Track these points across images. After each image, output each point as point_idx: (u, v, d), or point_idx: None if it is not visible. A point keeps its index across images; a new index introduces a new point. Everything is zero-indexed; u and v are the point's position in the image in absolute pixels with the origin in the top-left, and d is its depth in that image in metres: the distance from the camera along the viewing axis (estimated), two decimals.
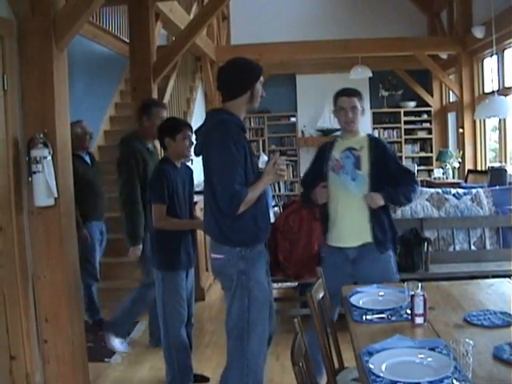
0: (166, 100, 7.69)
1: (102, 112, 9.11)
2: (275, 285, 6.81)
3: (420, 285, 3.00)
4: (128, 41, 6.58)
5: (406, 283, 3.19)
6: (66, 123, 4.00)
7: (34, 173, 3.72)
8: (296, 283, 6.01)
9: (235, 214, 3.27)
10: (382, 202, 3.92)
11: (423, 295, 2.87)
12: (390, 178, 4.01)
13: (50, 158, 3.73)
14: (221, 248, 3.41)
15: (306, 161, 12.95)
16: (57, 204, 3.83)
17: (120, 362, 5.05)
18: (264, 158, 11.11)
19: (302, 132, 12.95)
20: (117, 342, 5.08)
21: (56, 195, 3.79)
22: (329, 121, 12.48)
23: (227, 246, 3.37)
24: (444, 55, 11.19)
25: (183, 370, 4.31)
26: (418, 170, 11.12)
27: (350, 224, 3.99)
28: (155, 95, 6.35)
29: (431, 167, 12.25)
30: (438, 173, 10.67)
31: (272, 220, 5.03)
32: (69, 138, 4.05)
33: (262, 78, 3.48)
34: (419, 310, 2.86)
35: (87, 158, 5.82)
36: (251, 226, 3.36)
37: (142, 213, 4.79)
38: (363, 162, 3.95)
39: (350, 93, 4.04)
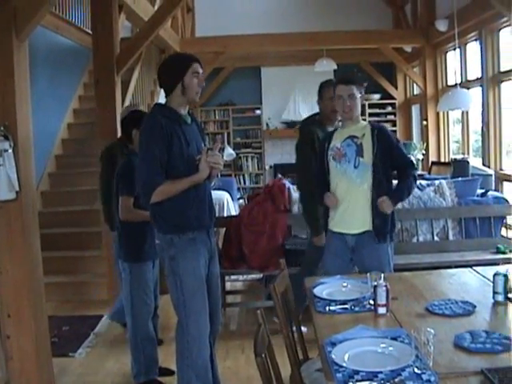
0: (129, 93, 7.63)
1: (65, 105, 9.01)
2: (240, 277, 6.84)
3: (382, 275, 3.03)
4: (91, 32, 6.51)
5: (368, 274, 3.23)
6: (27, 116, 3.93)
7: None
8: (261, 275, 6.03)
9: (148, 202, 3.45)
10: (392, 208, 4.01)
11: (386, 286, 2.90)
12: (392, 167, 4.07)
13: (10, 150, 3.68)
14: (157, 234, 3.61)
15: (270, 153, 13.00)
16: (18, 198, 3.78)
17: (85, 357, 5.01)
18: (229, 150, 11.09)
19: (267, 124, 12.95)
20: None
21: (17, 189, 3.74)
22: (293, 113, 12.51)
23: (160, 233, 3.57)
24: (408, 48, 11.27)
25: (149, 362, 4.30)
26: None
27: (352, 212, 4.03)
28: (119, 87, 6.30)
29: None
30: None
31: (236, 212, 5.04)
32: (30, 131, 3.99)
33: (198, 70, 3.52)
34: (382, 300, 2.89)
35: None
36: (177, 215, 3.50)
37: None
38: (365, 150, 3.98)
39: (348, 81, 4.04)
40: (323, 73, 10.30)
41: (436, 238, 5.91)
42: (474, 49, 8.66)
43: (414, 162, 9.90)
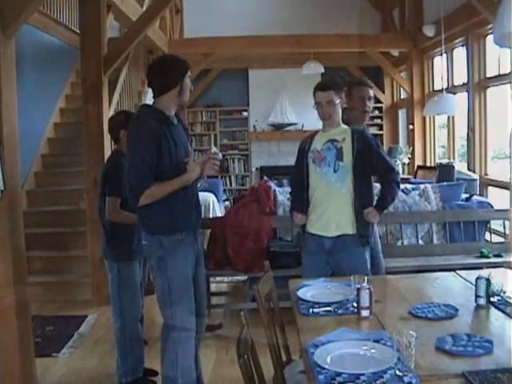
0: (117, 92, 7.62)
1: (52, 104, 8.97)
2: (225, 278, 6.84)
3: (366, 278, 3.05)
4: (79, 32, 6.50)
5: (352, 277, 3.24)
6: (12, 114, 3.91)
7: None
8: (245, 277, 6.02)
9: (136, 205, 3.46)
10: (378, 217, 4.05)
11: (369, 288, 2.91)
12: (373, 171, 4.08)
13: None
14: (145, 236, 3.63)
15: (257, 155, 13.01)
16: (3, 197, 3.75)
17: (68, 357, 4.99)
18: (214, 149, 11.07)
19: (254, 126, 12.95)
20: None
21: (2, 188, 3.71)
22: (281, 116, 12.54)
23: (148, 234, 3.58)
24: (395, 52, 11.32)
25: (136, 362, 4.32)
26: None
27: (330, 215, 4.02)
28: (106, 87, 6.29)
29: None
30: None
31: (222, 214, 5.05)
32: (16, 130, 3.97)
33: (189, 73, 3.63)
34: (365, 303, 2.90)
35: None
36: (165, 216, 3.51)
37: None
38: (345, 154, 3.96)
39: (325, 87, 4.04)
40: (310, 76, 10.35)
41: (420, 242, 5.94)
42: (460, 54, 8.72)
43: (400, 166, 10.07)
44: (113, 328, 4.40)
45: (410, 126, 10.56)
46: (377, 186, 4.34)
